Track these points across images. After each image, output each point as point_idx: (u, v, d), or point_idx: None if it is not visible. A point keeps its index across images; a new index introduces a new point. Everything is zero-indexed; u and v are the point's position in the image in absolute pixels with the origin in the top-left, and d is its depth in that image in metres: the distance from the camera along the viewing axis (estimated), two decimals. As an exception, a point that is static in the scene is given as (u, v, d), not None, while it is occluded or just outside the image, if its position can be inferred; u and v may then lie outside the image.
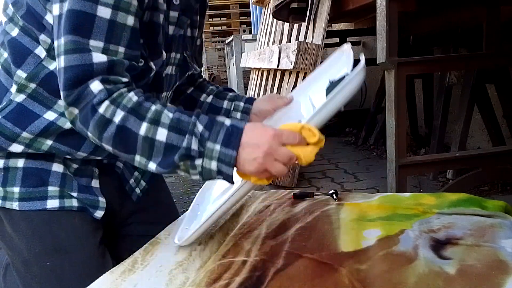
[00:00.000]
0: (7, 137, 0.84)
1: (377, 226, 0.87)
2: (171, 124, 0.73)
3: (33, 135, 0.84)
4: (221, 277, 0.73)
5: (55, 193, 0.88)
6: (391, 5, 1.45)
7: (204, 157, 0.73)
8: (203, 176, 0.76)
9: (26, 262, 0.88)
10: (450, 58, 1.93)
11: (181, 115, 0.75)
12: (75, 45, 0.72)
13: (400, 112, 1.54)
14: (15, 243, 0.89)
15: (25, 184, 0.87)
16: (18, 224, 0.87)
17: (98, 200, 0.94)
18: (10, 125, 0.84)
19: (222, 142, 0.73)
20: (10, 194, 0.86)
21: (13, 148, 0.85)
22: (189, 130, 0.73)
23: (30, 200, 0.87)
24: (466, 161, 1.77)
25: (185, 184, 2.60)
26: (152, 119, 0.74)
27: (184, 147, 0.72)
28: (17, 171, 0.87)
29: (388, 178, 1.61)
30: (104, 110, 0.73)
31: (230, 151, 0.73)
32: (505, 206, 0.91)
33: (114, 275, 0.78)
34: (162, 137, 0.73)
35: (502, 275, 0.65)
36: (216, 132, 0.74)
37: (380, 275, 0.69)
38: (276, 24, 3.51)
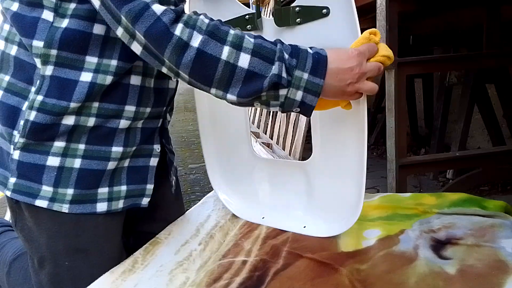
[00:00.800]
0: (57, 113, 0.79)
1: (377, 226, 0.87)
2: (254, 49, 0.69)
3: (80, 102, 0.80)
4: (221, 277, 0.73)
5: (105, 195, 0.86)
6: (391, 5, 1.45)
7: (291, 87, 0.70)
8: (283, 107, 0.73)
9: (42, 258, 0.87)
10: (450, 58, 1.93)
11: (263, 41, 0.71)
12: None
13: (400, 112, 1.54)
14: (34, 237, 0.86)
15: (79, 186, 0.83)
16: (42, 219, 0.84)
17: (145, 188, 0.91)
18: (55, 100, 0.79)
19: (311, 69, 0.70)
20: (61, 195, 0.82)
21: (65, 121, 0.80)
22: (277, 56, 0.69)
23: (81, 203, 0.84)
24: (466, 161, 1.77)
25: (185, 184, 2.60)
26: (234, 43, 0.69)
27: (274, 73, 0.68)
28: (72, 171, 0.82)
29: (388, 178, 1.61)
30: (181, 33, 0.68)
31: (318, 80, 0.70)
32: (505, 206, 0.91)
33: (114, 275, 0.78)
34: (244, 63, 0.69)
35: (502, 275, 0.65)
36: (304, 59, 0.70)
37: (380, 275, 0.69)
38: (276, 24, 3.50)
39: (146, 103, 0.88)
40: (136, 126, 0.88)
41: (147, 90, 0.87)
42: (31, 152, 0.81)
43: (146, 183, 0.92)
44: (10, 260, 1.04)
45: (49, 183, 0.82)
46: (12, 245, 1.08)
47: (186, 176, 2.70)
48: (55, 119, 0.80)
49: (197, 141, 3.67)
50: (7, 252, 1.07)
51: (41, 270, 0.88)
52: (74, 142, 0.82)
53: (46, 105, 0.79)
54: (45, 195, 0.82)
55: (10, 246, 1.09)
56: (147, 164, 0.92)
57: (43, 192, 0.82)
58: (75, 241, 0.85)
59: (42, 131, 0.80)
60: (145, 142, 0.91)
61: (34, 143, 0.81)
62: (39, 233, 0.85)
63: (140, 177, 0.91)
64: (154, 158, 0.93)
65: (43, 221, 0.84)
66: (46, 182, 0.82)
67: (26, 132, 0.79)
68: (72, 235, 0.85)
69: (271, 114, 3.14)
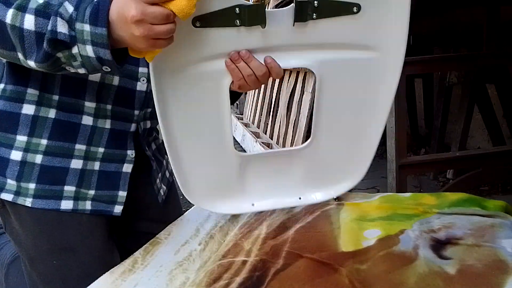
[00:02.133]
0: (15, 99, 0.80)
1: (377, 226, 0.87)
2: (38, 8, 0.64)
3: (37, 90, 0.80)
4: (221, 277, 0.73)
5: (71, 193, 0.86)
6: (391, 5, 1.44)
7: (77, 43, 0.64)
8: (87, 68, 0.67)
9: (32, 259, 0.87)
10: (450, 58, 1.93)
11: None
12: None
13: (400, 112, 1.54)
14: (21, 239, 0.87)
15: (42, 181, 0.83)
16: (25, 220, 0.85)
17: (117, 195, 0.90)
18: (12, 86, 0.80)
19: (90, 19, 0.63)
20: (24, 189, 0.83)
21: (25, 110, 0.80)
22: (53, 11, 0.63)
23: (44, 198, 0.84)
24: (466, 161, 1.77)
25: (185, 184, 2.60)
26: (19, 5, 0.64)
27: (49, 30, 0.63)
28: (34, 166, 0.83)
29: (388, 178, 1.61)
30: None
31: (100, 29, 0.62)
32: (505, 206, 0.91)
33: (114, 275, 0.78)
34: (30, 25, 0.64)
35: (502, 275, 0.65)
36: (83, 9, 0.63)
37: (380, 275, 0.69)
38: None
39: (107, 100, 0.86)
40: (104, 126, 0.88)
41: (107, 86, 0.86)
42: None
43: (118, 190, 0.91)
44: (8, 262, 1.04)
45: (12, 176, 0.82)
46: (9, 247, 1.09)
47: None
48: (14, 106, 0.80)
49: (197, 141, 3.66)
50: (5, 254, 1.08)
51: (32, 271, 0.89)
52: (37, 137, 0.82)
53: (5, 92, 0.80)
54: (10, 188, 0.83)
55: (8, 248, 1.09)
56: (120, 170, 0.91)
57: (8, 186, 0.83)
58: (60, 240, 0.86)
59: (4, 119, 0.81)
60: (117, 147, 0.90)
61: None
62: (25, 234, 0.86)
63: (111, 183, 0.90)
64: (127, 164, 0.92)
65: (27, 222, 0.85)
66: (9, 175, 0.82)
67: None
68: (56, 234, 0.85)
69: (271, 114, 3.14)
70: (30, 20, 0.64)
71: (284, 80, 2.84)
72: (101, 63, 0.66)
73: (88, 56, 0.65)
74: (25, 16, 0.64)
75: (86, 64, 0.66)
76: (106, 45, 0.63)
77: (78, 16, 0.63)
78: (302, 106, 2.45)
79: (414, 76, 2.85)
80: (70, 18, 0.63)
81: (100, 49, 0.64)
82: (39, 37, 0.64)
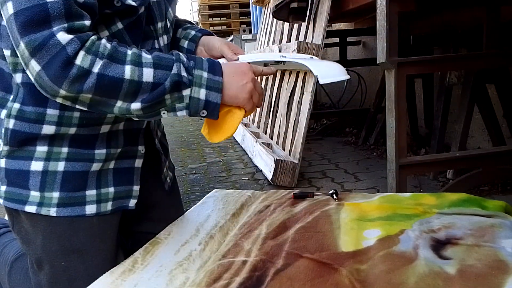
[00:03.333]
0: (34, 121, 0.79)
1: (377, 226, 0.87)
2: (154, 61, 0.73)
3: (57, 109, 0.80)
4: (221, 277, 0.73)
5: (93, 197, 0.86)
6: (391, 5, 1.45)
7: (193, 86, 0.75)
8: (190, 109, 0.76)
9: (39, 259, 0.87)
10: (450, 58, 1.92)
11: (160, 54, 0.75)
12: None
13: (400, 112, 1.54)
14: (30, 239, 0.87)
15: (65, 188, 0.83)
16: (37, 220, 0.85)
17: (132, 190, 0.92)
18: (31, 108, 0.79)
19: (209, 69, 0.76)
20: (47, 199, 0.83)
21: (45, 131, 0.80)
22: (175, 59, 0.74)
23: (69, 206, 0.84)
24: (466, 161, 1.77)
25: (185, 184, 2.60)
26: (134, 61, 0.72)
27: (174, 73, 0.73)
28: (56, 174, 0.82)
29: (388, 178, 1.61)
30: (82, 61, 0.68)
31: (217, 77, 0.77)
32: (505, 206, 0.91)
33: (114, 275, 0.78)
34: (149, 77, 0.72)
35: (502, 275, 0.65)
36: (200, 61, 0.77)
37: (380, 275, 0.69)
38: (276, 24, 3.51)
39: None
40: (118, 129, 0.88)
41: None
42: (15, 159, 0.81)
43: (132, 184, 0.92)
44: (12, 260, 1.05)
45: (35, 188, 0.82)
46: (13, 245, 1.09)
47: (186, 176, 2.70)
48: (33, 127, 0.80)
49: (196, 141, 3.67)
50: (8, 252, 1.08)
51: (39, 271, 0.88)
52: (57, 146, 0.82)
53: (24, 113, 0.79)
54: (33, 200, 0.83)
55: (12, 246, 1.09)
56: (132, 165, 0.92)
57: (32, 198, 0.83)
58: (70, 242, 0.86)
59: (23, 138, 0.80)
60: (129, 144, 0.91)
61: (17, 150, 0.81)
62: (35, 234, 0.86)
63: (126, 179, 0.91)
64: (138, 159, 0.93)
65: (38, 223, 0.85)
66: (32, 187, 0.82)
67: (8, 140, 0.80)
68: (66, 236, 0.85)
69: (271, 114, 3.14)
70: (148, 73, 0.72)
71: (284, 80, 2.84)
72: (206, 106, 0.77)
73: (199, 98, 0.76)
74: (143, 70, 0.72)
75: (192, 105, 0.76)
76: (220, 90, 0.77)
77: (197, 65, 0.76)
78: (302, 106, 2.45)
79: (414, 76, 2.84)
80: (188, 65, 0.75)
81: (213, 92, 0.76)
82: (156, 87, 0.73)
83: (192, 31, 1.05)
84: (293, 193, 1.13)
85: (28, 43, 0.66)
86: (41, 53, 0.67)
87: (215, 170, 2.82)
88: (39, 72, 0.68)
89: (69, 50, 0.67)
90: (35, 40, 0.66)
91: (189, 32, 1.05)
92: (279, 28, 3.38)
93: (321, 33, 2.36)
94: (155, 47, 0.89)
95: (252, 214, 1.03)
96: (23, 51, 0.67)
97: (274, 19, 3.44)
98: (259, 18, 5.13)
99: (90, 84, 0.70)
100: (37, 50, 0.66)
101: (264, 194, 1.18)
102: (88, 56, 0.69)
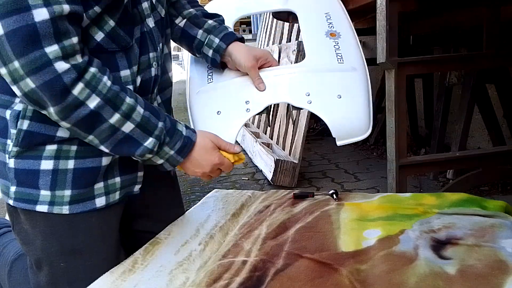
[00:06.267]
0: (51, 122, 0.79)
1: (377, 226, 0.87)
2: (140, 122, 0.79)
3: None
4: (221, 277, 0.73)
5: (101, 190, 0.87)
6: (391, 5, 1.45)
7: (156, 155, 0.84)
8: (144, 163, 0.88)
9: (39, 260, 0.87)
10: (450, 58, 1.92)
11: (151, 116, 0.81)
12: None
13: (400, 112, 1.54)
14: (30, 239, 0.87)
15: (76, 186, 0.83)
16: (36, 221, 0.85)
17: (136, 176, 0.93)
18: None
19: (177, 150, 0.85)
20: (59, 198, 0.83)
21: (60, 133, 0.81)
22: (156, 134, 0.81)
23: (81, 202, 0.84)
24: (466, 161, 1.77)
25: (185, 184, 2.60)
26: (125, 113, 0.77)
27: (148, 148, 0.81)
28: (67, 172, 0.83)
29: (388, 178, 1.61)
30: (79, 93, 0.72)
31: (179, 158, 0.87)
32: (505, 206, 0.91)
33: (114, 275, 0.78)
34: (126, 129, 0.79)
35: (502, 275, 0.65)
36: (175, 140, 0.85)
37: (380, 275, 0.69)
38: (276, 24, 3.51)
39: None
40: None
41: None
42: (24, 159, 0.81)
43: (136, 171, 0.93)
44: (12, 259, 1.04)
45: (46, 187, 0.82)
46: (13, 245, 1.09)
47: (186, 176, 2.70)
48: (49, 128, 0.80)
49: (197, 141, 3.66)
50: (8, 252, 1.08)
51: (38, 272, 0.88)
52: (66, 144, 0.82)
53: (39, 113, 0.78)
54: (44, 199, 0.82)
55: (12, 246, 1.09)
56: None
57: (42, 197, 0.82)
58: (69, 242, 0.86)
59: (36, 139, 0.80)
60: None
61: (27, 150, 0.81)
62: (34, 235, 0.86)
63: (131, 166, 0.92)
64: None
65: (38, 224, 0.85)
66: (43, 186, 0.82)
67: (20, 141, 0.79)
68: (66, 236, 0.85)
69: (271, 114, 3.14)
70: (129, 127, 0.79)
71: (284, 80, 2.83)
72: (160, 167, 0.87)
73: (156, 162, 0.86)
74: (127, 123, 0.78)
75: (148, 162, 0.86)
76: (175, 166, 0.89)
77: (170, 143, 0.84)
78: (302, 106, 2.45)
79: (414, 76, 2.85)
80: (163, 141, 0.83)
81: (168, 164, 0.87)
82: (127, 139, 0.79)
83: (215, 39, 1.02)
84: (293, 193, 1.13)
85: (25, 65, 0.68)
86: (37, 75, 0.69)
87: (215, 170, 2.82)
88: (34, 89, 0.70)
89: (66, 79, 0.70)
90: (31, 63, 0.68)
91: (212, 40, 1.02)
92: (279, 28, 3.38)
93: (321, 33, 2.35)
94: (143, 30, 0.87)
95: (252, 214, 1.03)
96: (16, 70, 0.68)
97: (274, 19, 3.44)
98: (259, 18, 5.13)
99: (80, 115, 0.73)
100: (33, 72, 0.69)
101: (264, 194, 1.18)
102: (86, 89, 0.72)
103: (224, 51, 1.02)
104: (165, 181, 1.06)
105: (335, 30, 1.11)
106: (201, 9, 1.07)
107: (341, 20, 1.14)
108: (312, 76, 1.05)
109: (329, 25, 1.12)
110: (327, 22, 1.12)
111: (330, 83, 1.04)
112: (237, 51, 1.01)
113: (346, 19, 1.16)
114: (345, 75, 1.05)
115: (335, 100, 1.02)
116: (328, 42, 1.08)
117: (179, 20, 1.05)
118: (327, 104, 1.02)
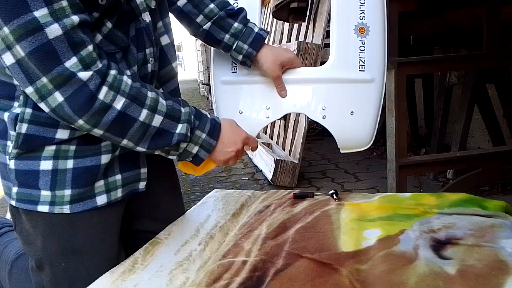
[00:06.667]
0: (50, 125, 0.80)
1: (377, 226, 0.87)
2: (167, 112, 0.81)
3: None
4: (221, 277, 0.73)
5: (102, 188, 0.87)
6: (391, 5, 1.44)
7: (191, 142, 0.85)
8: (180, 157, 0.88)
9: (40, 260, 0.87)
10: (450, 58, 1.93)
11: (174, 103, 0.83)
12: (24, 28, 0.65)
13: (400, 112, 1.54)
14: (31, 240, 0.87)
15: (76, 185, 0.83)
16: (37, 221, 0.85)
17: (139, 173, 0.93)
18: (45, 113, 0.78)
19: (208, 132, 0.87)
20: (59, 198, 0.83)
21: (59, 135, 0.81)
22: (185, 118, 0.83)
23: (81, 201, 0.84)
24: (466, 161, 1.77)
25: (185, 184, 2.60)
26: (151, 107, 0.79)
27: (182, 133, 0.83)
28: (66, 172, 0.83)
29: (388, 178, 1.61)
30: (105, 96, 0.73)
31: (212, 140, 0.89)
32: (505, 206, 0.91)
33: (114, 275, 0.78)
34: (157, 123, 0.80)
35: (502, 275, 0.65)
36: (205, 122, 0.87)
37: (380, 275, 0.69)
38: (276, 24, 3.51)
39: None
40: None
41: None
42: (24, 160, 0.81)
43: (139, 168, 0.93)
44: (13, 259, 1.05)
45: (46, 187, 0.82)
46: (14, 245, 1.09)
47: (186, 176, 2.70)
48: (48, 131, 0.80)
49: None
50: (9, 251, 1.08)
51: (39, 272, 0.88)
52: (65, 144, 0.82)
53: (38, 117, 0.79)
54: (45, 200, 0.82)
55: (13, 245, 1.09)
56: None
57: (43, 198, 0.82)
58: (69, 242, 0.86)
59: (35, 142, 0.80)
60: None
61: (26, 151, 0.81)
62: (35, 235, 0.86)
63: (132, 163, 0.92)
64: None
65: (38, 224, 0.85)
66: (43, 186, 0.82)
67: (19, 144, 0.79)
68: (65, 236, 0.85)
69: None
70: (158, 119, 0.80)
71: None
72: (194, 157, 0.88)
73: (191, 152, 0.87)
74: (155, 116, 0.80)
75: (183, 155, 0.87)
76: (209, 151, 0.89)
77: (200, 126, 0.86)
78: (302, 106, 2.45)
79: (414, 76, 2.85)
80: (193, 125, 0.85)
81: (203, 151, 0.88)
82: (160, 133, 0.81)
83: (244, 46, 1.02)
84: (293, 193, 1.13)
85: (53, 79, 0.70)
86: (65, 87, 0.71)
87: (215, 170, 2.82)
88: (61, 103, 0.71)
89: (91, 86, 0.72)
90: (59, 76, 0.70)
91: (241, 47, 1.02)
92: (279, 28, 3.38)
93: (321, 33, 2.36)
94: (139, 26, 0.86)
95: (252, 214, 1.03)
96: (44, 86, 0.70)
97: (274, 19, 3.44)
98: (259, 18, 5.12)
99: (109, 118, 0.75)
100: (61, 84, 0.70)
101: (264, 194, 1.18)
102: (111, 92, 0.74)
103: (254, 58, 1.03)
104: (166, 181, 1.06)
105: (365, 23, 1.05)
106: (222, 3, 1.03)
107: (375, 8, 1.06)
108: (331, 88, 1.07)
109: (360, 15, 1.05)
110: (359, 10, 1.05)
111: (347, 96, 1.06)
112: (264, 57, 1.03)
113: (382, 6, 1.07)
114: (363, 87, 1.06)
115: (347, 116, 1.06)
116: (354, 42, 1.05)
117: (203, 21, 1.02)
118: (339, 121, 1.07)
